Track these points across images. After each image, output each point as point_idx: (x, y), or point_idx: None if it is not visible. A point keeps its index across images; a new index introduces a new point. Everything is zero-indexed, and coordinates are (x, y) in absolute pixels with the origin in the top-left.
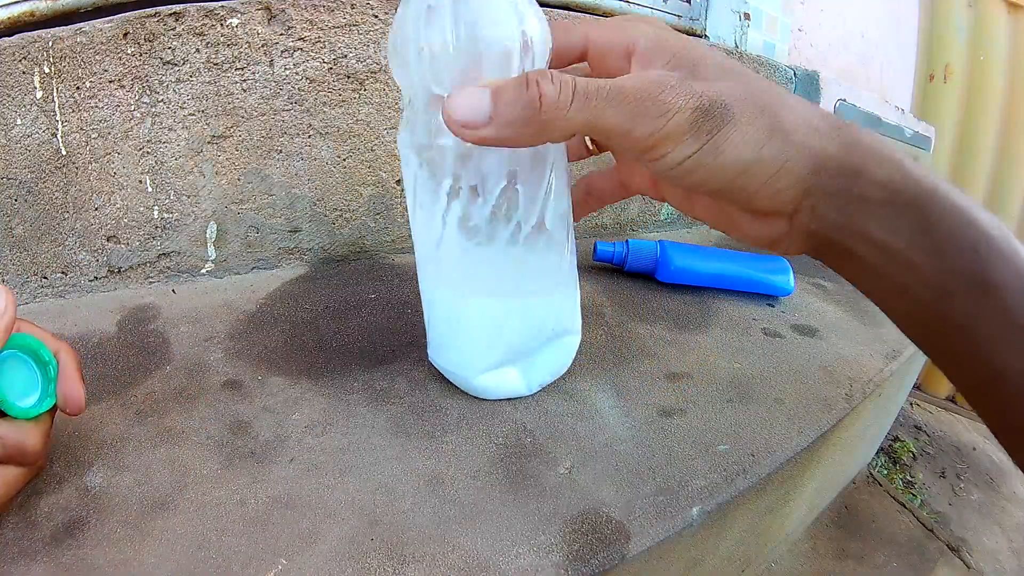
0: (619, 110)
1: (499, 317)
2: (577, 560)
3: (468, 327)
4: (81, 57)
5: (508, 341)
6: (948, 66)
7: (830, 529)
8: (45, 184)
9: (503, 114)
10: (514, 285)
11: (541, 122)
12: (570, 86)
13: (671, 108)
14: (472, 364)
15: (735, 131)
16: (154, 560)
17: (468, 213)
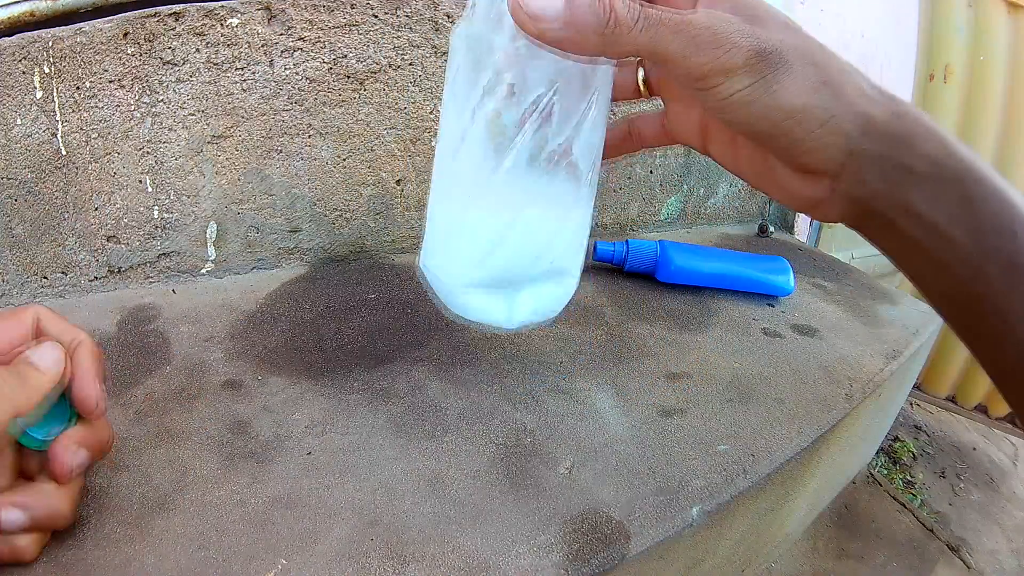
0: (681, 39)
1: (501, 227)
2: (577, 560)
3: (468, 232)
4: (81, 57)
5: (504, 255)
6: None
7: (830, 529)
8: (45, 184)
9: (574, 16)
10: (524, 199)
11: (606, 34)
12: (638, 9)
13: (730, 44)
14: (462, 274)
15: (788, 76)
16: (154, 560)
17: (499, 110)
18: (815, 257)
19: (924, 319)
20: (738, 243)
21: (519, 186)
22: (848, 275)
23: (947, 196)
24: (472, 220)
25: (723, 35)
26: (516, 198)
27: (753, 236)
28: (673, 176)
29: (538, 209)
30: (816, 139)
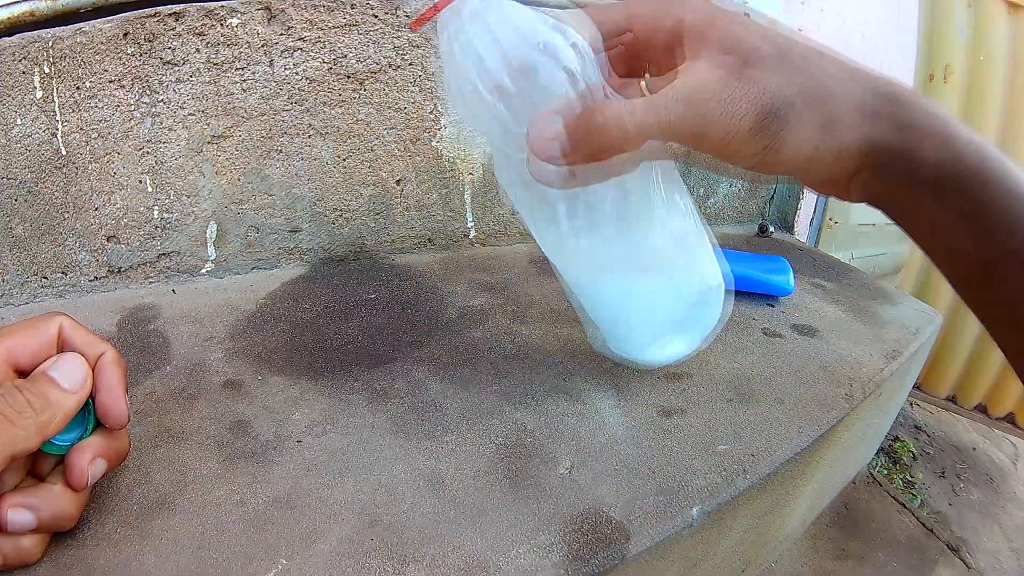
0: (687, 117)
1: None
2: (577, 560)
3: (641, 311)
4: (81, 57)
5: (662, 315)
6: (948, 66)
7: (830, 529)
8: (45, 184)
9: (580, 145)
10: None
11: (614, 142)
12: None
13: (737, 112)
14: (647, 347)
15: (796, 129)
16: (154, 560)
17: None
18: (815, 257)
19: (924, 319)
20: (738, 243)
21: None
22: (848, 275)
23: (955, 199)
24: (642, 296)
25: (728, 103)
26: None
27: (753, 236)
28: None
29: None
30: (826, 170)
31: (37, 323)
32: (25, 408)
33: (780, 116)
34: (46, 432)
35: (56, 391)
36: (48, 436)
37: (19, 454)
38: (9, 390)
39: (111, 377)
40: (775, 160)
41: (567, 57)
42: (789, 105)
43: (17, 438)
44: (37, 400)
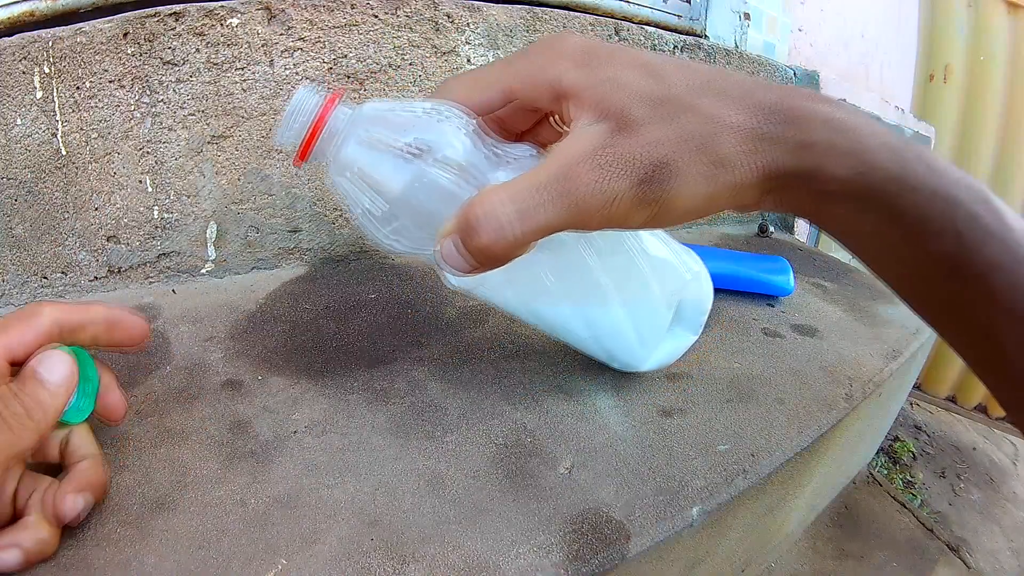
0: (563, 209)
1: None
2: (577, 560)
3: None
4: (81, 57)
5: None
6: (948, 66)
7: (830, 529)
8: (45, 184)
9: (479, 255)
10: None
11: (506, 247)
12: (507, 209)
13: (613, 188)
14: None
15: (681, 184)
16: (154, 560)
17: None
18: (815, 257)
19: None
20: (738, 243)
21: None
22: (848, 275)
23: (870, 211)
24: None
25: (600, 186)
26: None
27: (753, 236)
28: None
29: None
30: (735, 201)
31: (27, 315)
32: (22, 415)
33: (660, 177)
34: (42, 431)
35: (44, 392)
36: (45, 433)
37: (19, 455)
38: (5, 396)
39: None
40: (668, 218)
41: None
42: (668, 163)
43: (16, 442)
44: (31, 403)
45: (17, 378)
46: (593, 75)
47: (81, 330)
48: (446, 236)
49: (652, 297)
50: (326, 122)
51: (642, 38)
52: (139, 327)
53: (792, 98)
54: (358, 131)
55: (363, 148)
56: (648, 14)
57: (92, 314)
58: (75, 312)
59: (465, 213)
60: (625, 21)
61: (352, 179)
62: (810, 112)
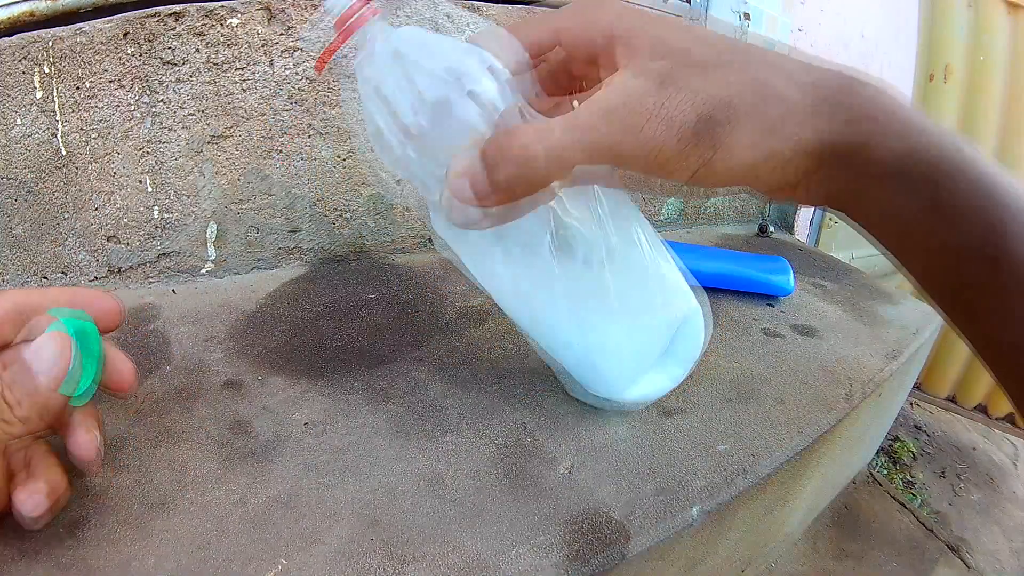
0: (610, 134)
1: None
2: (577, 560)
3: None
4: (81, 57)
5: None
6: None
7: (830, 529)
8: (45, 184)
9: (501, 182)
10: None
11: (540, 173)
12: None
13: (668, 123)
14: (623, 388)
15: (734, 134)
16: (154, 560)
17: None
18: (815, 257)
19: (924, 319)
20: (738, 243)
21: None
22: (848, 275)
23: (913, 193)
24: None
25: (660, 116)
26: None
27: (753, 236)
28: None
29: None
30: (773, 175)
31: None
32: (4, 409)
33: (718, 123)
34: (32, 420)
35: (31, 379)
36: (36, 424)
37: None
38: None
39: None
40: (715, 171)
41: (481, 84)
42: (728, 109)
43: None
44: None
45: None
46: (648, 23)
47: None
48: (467, 163)
49: (655, 314)
50: (366, 20)
51: None
52: (108, 304)
53: (847, 75)
54: (393, 42)
55: (395, 61)
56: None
57: (53, 295)
58: (35, 294)
59: (496, 139)
60: None
61: (377, 90)
62: (866, 88)
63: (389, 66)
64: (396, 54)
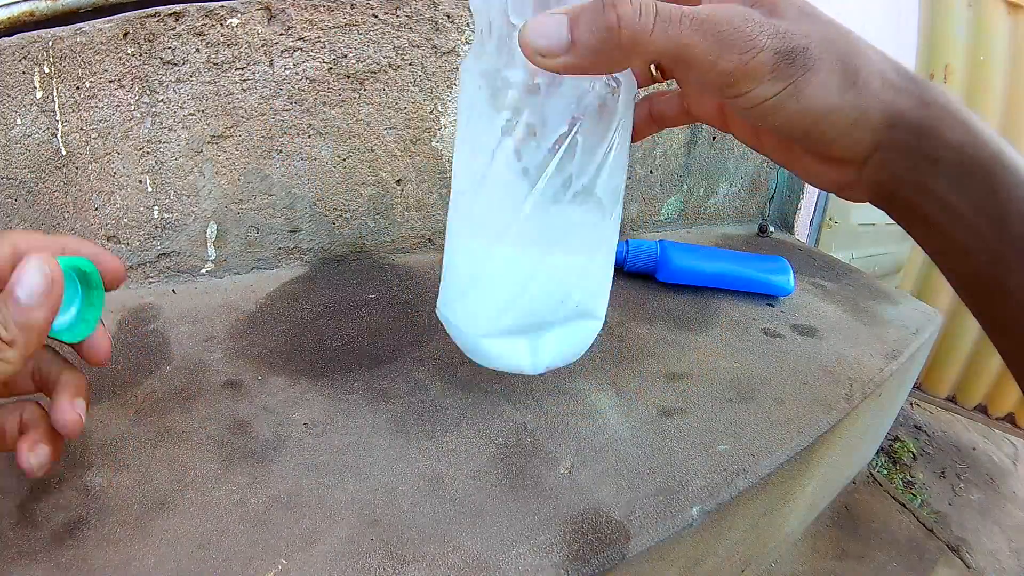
0: (703, 38)
1: (525, 272)
2: (577, 560)
3: (489, 278)
4: (81, 57)
5: (529, 302)
6: (948, 66)
7: (830, 529)
8: (45, 184)
9: (582, 39)
10: (548, 241)
11: (621, 46)
12: (651, 9)
13: (757, 44)
14: (484, 323)
15: (815, 77)
16: (154, 560)
17: (519, 150)
18: (815, 257)
19: (924, 319)
20: (738, 243)
21: (542, 230)
22: (848, 275)
23: (972, 184)
24: (495, 266)
25: (748, 34)
26: (540, 242)
27: (753, 236)
28: (673, 176)
29: (562, 252)
30: (845, 136)
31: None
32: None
33: (800, 59)
34: (28, 352)
35: (21, 311)
36: (30, 353)
37: (8, 378)
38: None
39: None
40: (788, 106)
41: None
42: (810, 52)
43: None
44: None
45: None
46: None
47: None
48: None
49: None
50: None
51: None
52: (113, 261)
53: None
54: None
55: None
56: None
57: (60, 244)
58: (39, 241)
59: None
60: None
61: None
62: (927, 81)
63: None
64: None
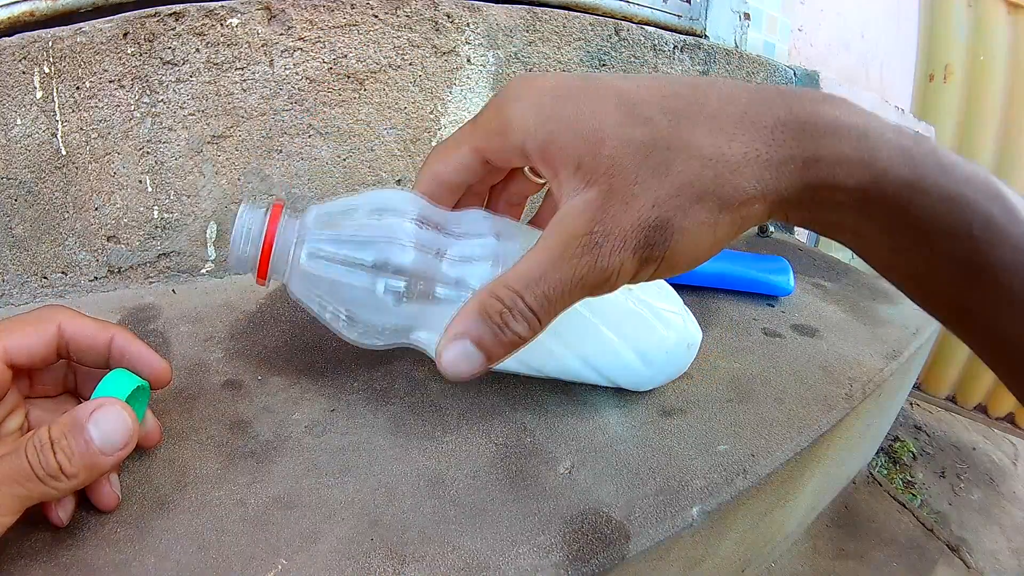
0: (570, 291)
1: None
2: (577, 560)
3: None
4: (81, 57)
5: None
6: (948, 66)
7: (830, 529)
8: (45, 184)
9: (497, 352)
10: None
11: (525, 338)
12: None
13: (613, 267)
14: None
15: (681, 240)
16: (154, 560)
17: None
18: (815, 257)
19: (924, 319)
20: (738, 243)
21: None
22: (848, 275)
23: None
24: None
25: (602, 256)
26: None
27: (753, 236)
28: None
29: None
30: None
31: (36, 321)
32: (57, 473)
33: (659, 239)
34: (81, 487)
35: (93, 456)
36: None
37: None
38: (42, 443)
39: (134, 346)
40: (673, 271)
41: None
42: (665, 224)
43: (42, 494)
44: (71, 464)
45: (66, 425)
46: (565, 129)
47: (91, 352)
48: (454, 339)
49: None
50: (275, 241)
51: (642, 38)
52: (159, 368)
53: (794, 107)
54: (308, 245)
55: (315, 262)
56: (648, 14)
57: (108, 333)
58: (89, 330)
59: (477, 312)
60: (625, 21)
61: (310, 292)
62: (816, 120)
63: (311, 267)
64: (312, 254)
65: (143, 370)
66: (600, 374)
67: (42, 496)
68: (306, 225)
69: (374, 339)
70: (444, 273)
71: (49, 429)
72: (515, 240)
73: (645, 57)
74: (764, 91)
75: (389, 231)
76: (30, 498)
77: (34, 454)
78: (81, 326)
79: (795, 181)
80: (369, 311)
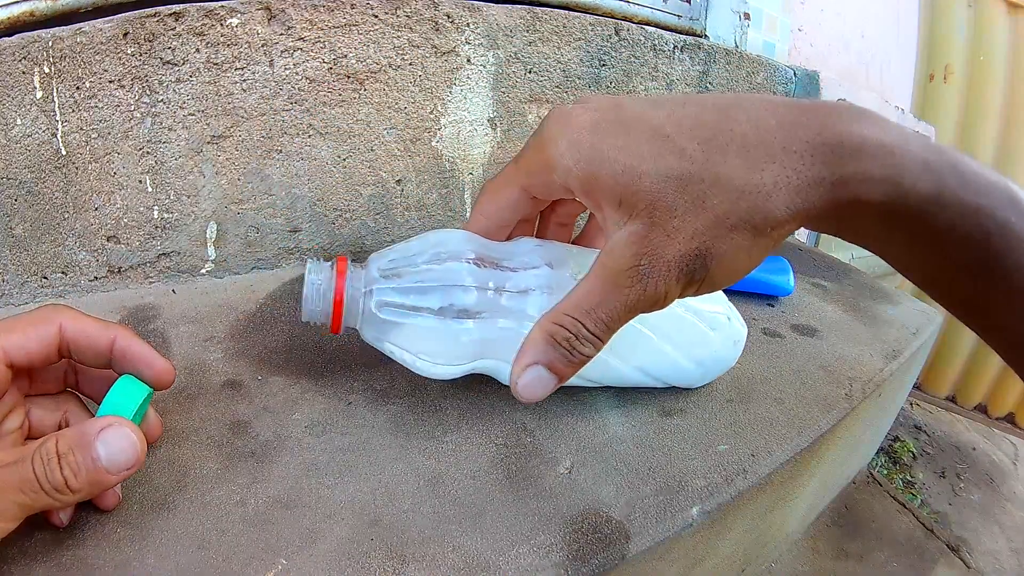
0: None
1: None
2: (577, 560)
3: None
4: (81, 57)
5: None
6: (948, 66)
7: (830, 529)
8: (45, 184)
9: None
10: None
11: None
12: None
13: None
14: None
15: (720, 264)
16: (154, 560)
17: None
18: (815, 257)
19: (924, 319)
20: None
21: None
22: (848, 275)
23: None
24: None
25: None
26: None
27: None
28: None
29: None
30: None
31: (37, 321)
32: (62, 487)
33: (700, 265)
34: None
35: (98, 473)
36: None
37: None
38: (49, 455)
39: (137, 347)
40: (715, 288)
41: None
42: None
43: (45, 504)
44: (76, 479)
45: (72, 434)
46: (604, 167)
47: (92, 353)
48: (527, 367)
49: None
50: (345, 296)
51: (642, 38)
52: (162, 369)
53: (823, 129)
54: (376, 296)
55: (384, 311)
56: (648, 14)
57: (106, 340)
58: (90, 330)
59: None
60: (625, 21)
61: (382, 337)
62: (844, 141)
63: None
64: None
65: (146, 371)
66: (654, 378)
67: (45, 506)
68: (371, 276)
69: (444, 372)
70: (504, 307)
71: (57, 442)
72: (565, 266)
73: (645, 57)
74: (792, 111)
75: (450, 275)
76: (32, 507)
77: (40, 466)
78: (82, 326)
79: (824, 200)
80: (438, 350)
